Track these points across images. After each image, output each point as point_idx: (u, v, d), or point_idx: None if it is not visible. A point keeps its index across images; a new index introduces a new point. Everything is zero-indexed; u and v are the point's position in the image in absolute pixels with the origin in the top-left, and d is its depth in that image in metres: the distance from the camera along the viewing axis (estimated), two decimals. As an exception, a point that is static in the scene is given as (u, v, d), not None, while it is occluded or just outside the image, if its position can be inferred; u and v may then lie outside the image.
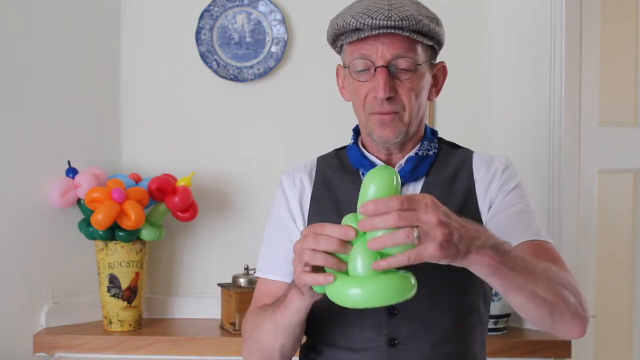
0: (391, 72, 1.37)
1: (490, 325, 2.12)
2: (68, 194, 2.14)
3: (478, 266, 1.15)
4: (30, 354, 2.12)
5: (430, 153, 1.48)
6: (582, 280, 2.28)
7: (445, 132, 2.34)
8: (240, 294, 2.14)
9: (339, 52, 1.49)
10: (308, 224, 1.46)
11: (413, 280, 1.12)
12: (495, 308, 2.12)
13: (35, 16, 2.17)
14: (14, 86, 2.13)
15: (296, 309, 1.29)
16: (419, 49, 1.39)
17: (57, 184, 2.14)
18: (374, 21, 1.34)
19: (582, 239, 2.30)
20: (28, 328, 2.14)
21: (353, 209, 1.36)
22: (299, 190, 1.50)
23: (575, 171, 2.27)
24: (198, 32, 2.31)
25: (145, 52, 2.35)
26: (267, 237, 1.54)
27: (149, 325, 2.26)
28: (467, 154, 1.51)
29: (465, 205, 1.44)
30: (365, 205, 1.08)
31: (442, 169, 1.48)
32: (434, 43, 1.43)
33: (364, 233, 1.11)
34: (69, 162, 2.19)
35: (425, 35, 1.39)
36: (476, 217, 1.43)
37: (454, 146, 1.55)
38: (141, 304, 2.22)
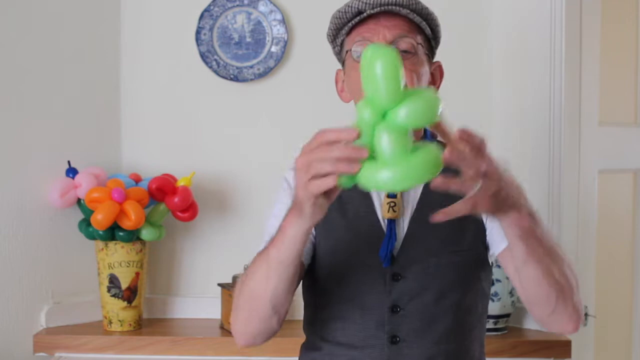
0: None
1: (490, 325, 2.12)
2: (68, 194, 2.14)
3: (513, 226, 1.19)
4: (30, 354, 2.12)
5: None
6: (582, 281, 2.27)
7: (445, 132, 2.35)
8: (240, 294, 2.14)
9: (339, 52, 1.48)
10: (318, 227, 1.43)
11: (441, 154, 1.07)
12: (495, 308, 2.12)
13: (35, 16, 2.17)
14: (14, 86, 2.13)
15: (292, 237, 1.21)
16: (418, 33, 1.41)
17: (57, 184, 2.14)
18: (367, 4, 1.36)
19: (582, 239, 2.30)
20: (28, 328, 2.14)
21: (356, 207, 1.41)
22: None
23: (575, 171, 2.27)
24: (198, 32, 2.31)
25: (145, 52, 2.35)
26: (272, 218, 1.47)
27: (149, 325, 2.26)
28: None
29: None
30: (463, 131, 1.10)
31: (442, 171, 1.47)
32: (432, 37, 1.45)
33: (385, 113, 1.05)
34: (69, 162, 2.19)
35: (424, 19, 1.41)
36: (477, 221, 1.43)
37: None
38: (141, 304, 2.22)
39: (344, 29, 1.42)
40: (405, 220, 1.43)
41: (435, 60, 1.51)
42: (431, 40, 1.46)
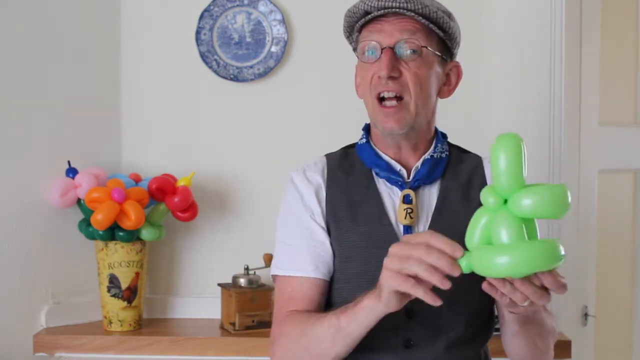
0: (398, 54, 1.40)
1: (490, 325, 2.12)
2: (68, 194, 2.14)
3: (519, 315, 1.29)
4: (30, 354, 2.12)
5: (443, 156, 1.49)
6: (582, 281, 2.29)
7: (446, 132, 2.35)
8: (240, 294, 2.14)
9: (355, 48, 1.51)
10: (328, 228, 1.45)
11: (562, 250, 1.11)
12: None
13: (35, 16, 2.17)
14: (14, 86, 2.13)
15: (365, 317, 1.25)
16: (426, 35, 1.41)
17: (57, 184, 2.14)
18: (380, 2, 1.37)
19: (582, 239, 2.30)
20: (28, 328, 2.14)
21: (368, 213, 1.43)
22: (314, 187, 1.48)
23: (575, 171, 2.27)
24: (198, 32, 2.31)
25: (145, 52, 2.35)
26: (283, 235, 1.49)
27: (149, 325, 2.26)
28: (478, 159, 1.53)
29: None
30: (546, 277, 1.12)
31: (456, 174, 1.49)
32: (446, 37, 1.44)
33: (505, 201, 1.12)
34: (69, 162, 2.19)
35: (433, 23, 1.40)
36: None
37: (463, 150, 1.56)
38: (141, 304, 2.22)
39: (355, 27, 1.45)
40: (420, 226, 1.43)
41: (456, 59, 1.52)
42: (446, 41, 1.45)
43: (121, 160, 2.35)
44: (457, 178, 1.48)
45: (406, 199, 1.42)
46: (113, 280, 2.17)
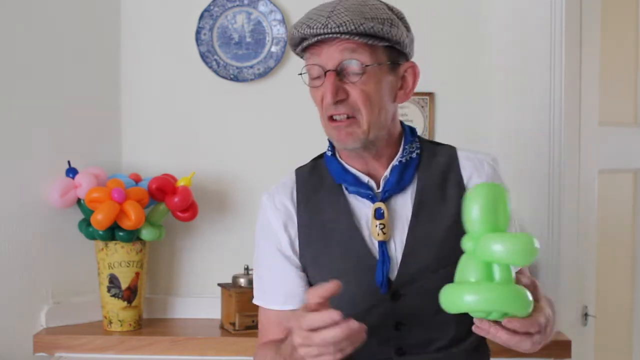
0: (342, 75, 1.36)
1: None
2: (68, 194, 2.14)
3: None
4: (30, 354, 2.12)
5: (414, 155, 1.44)
6: (582, 281, 2.29)
7: (445, 132, 2.36)
8: (240, 294, 2.14)
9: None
10: (300, 255, 1.43)
11: (529, 296, 1.16)
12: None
13: (35, 16, 2.17)
14: (14, 86, 2.13)
15: None
16: (369, 51, 1.36)
17: (57, 184, 2.14)
18: (312, 30, 1.35)
19: (582, 239, 2.30)
20: (28, 328, 2.14)
21: (340, 232, 1.40)
22: (282, 214, 1.45)
23: (575, 171, 2.27)
24: (198, 32, 2.31)
25: (145, 52, 2.35)
26: (257, 264, 1.49)
27: (149, 325, 2.26)
28: (452, 152, 1.48)
29: (460, 214, 1.42)
30: (512, 322, 1.16)
31: (429, 173, 1.44)
32: (391, 44, 1.38)
33: (476, 239, 1.16)
34: (69, 162, 2.19)
35: (372, 37, 1.35)
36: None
37: (435, 144, 1.52)
38: (141, 304, 2.22)
39: (297, 50, 1.43)
40: (397, 239, 1.40)
41: (412, 59, 1.46)
42: (394, 46, 1.39)
43: (121, 160, 2.35)
44: (430, 179, 1.43)
45: (378, 214, 1.39)
46: (113, 280, 2.17)
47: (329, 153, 1.48)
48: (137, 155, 2.35)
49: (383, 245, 1.37)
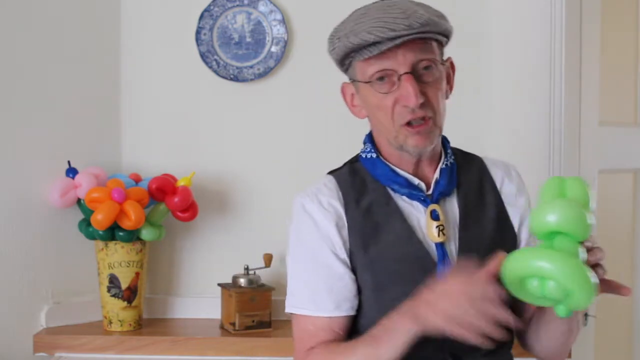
0: (416, 76, 1.33)
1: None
2: (68, 194, 2.14)
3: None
4: (30, 354, 2.12)
5: (453, 160, 1.45)
6: (582, 280, 2.29)
7: (445, 132, 2.35)
8: (240, 294, 2.14)
9: (346, 70, 1.43)
10: (352, 258, 1.37)
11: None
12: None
13: (35, 16, 2.17)
14: (14, 86, 2.13)
15: (403, 342, 1.23)
16: (434, 48, 1.37)
17: (57, 184, 2.14)
18: (395, 33, 1.29)
19: (582, 239, 2.29)
20: (28, 328, 2.14)
21: (396, 233, 1.37)
22: (333, 215, 1.38)
23: (575, 171, 2.27)
24: (198, 32, 2.31)
25: (145, 52, 2.35)
26: (298, 270, 1.41)
27: (149, 325, 2.26)
28: (480, 161, 1.51)
29: (499, 218, 1.44)
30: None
31: (468, 178, 1.45)
32: (448, 39, 1.41)
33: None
34: (69, 162, 2.19)
35: (440, 34, 1.36)
36: (511, 230, 1.44)
37: (465, 153, 1.53)
38: (141, 304, 2.22)
39: (356, 56, 1.36)
40: (451, 243, 1.39)
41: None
42: (442, 42, 1.41)
43: (121, 160, 2.35)
44: (469, 184, 1.45)
45: (434, 215, 1.37)
46: (113, 280, 2.17)
47: (371, 155, 1.44)
48: (137, 155, 2.35)
49: (442, 246, 1.36)
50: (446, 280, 1.21)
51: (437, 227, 1.36)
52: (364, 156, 1.45)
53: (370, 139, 1.47)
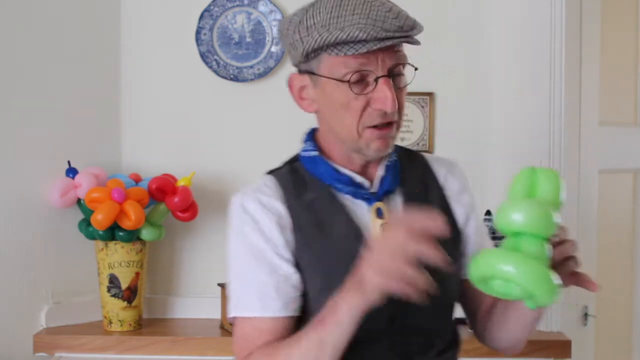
0: (391, 79, 1.28)
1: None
2: (68, 194, 2.14)
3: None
4: (30, 354, 2.12)
5: (396, 157, 1.40)
6: (582, 280, 2.29)
7: (445, 132, 2.36)
8: (240, 294, 2.14)
9: (304, 61, 1.33)
10: (296, 258, 1.31)
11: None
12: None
13: (35, 16, 2.17)
14: (14, 86, 2.13)
15: (349, 321, 1.16)
16: (404, 51, 1.32)
17: (57, 184, 2.14)
18: (387, 33, 1.23)
19: (582, 239, 2.29)
20: (28, 328, 2.14)
21: (342, 232, 1.32)
22: (275, 216, 1.32)
23: (575, 171, 2.27)
24: (198, 32, 2.31)
25: (145, 52, 2.35)
26: (243, 271, 1.33)
27: (149, 325, 2.26)
28: (422, 158, 1.46)
29: (443, 214, 1.40)
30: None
31: (411, 175, 1.41)
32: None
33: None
34: (69, 162, 2.19)
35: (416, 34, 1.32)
36: (455, 227, 1.42)
37: (407, 149, 1.48)
38: (141, 304, 2.22)
39: (331, 51, 1.27)
40: None
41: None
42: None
43: (121, 160, 2.35)
44: (413, 181, 1.40)
45: (379, 213, 1.33)
46: (113, 280, 2.17)
47: (312, 153, 1.38)
48: (137, 155, 2.35)
49: None
50: (382, 237, 1.16)
51: (381, 225, 1.32)
52: (303, 155, 1.40)
53: (310, 137, 1.42)
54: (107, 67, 2.33)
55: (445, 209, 1.41)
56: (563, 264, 1.21)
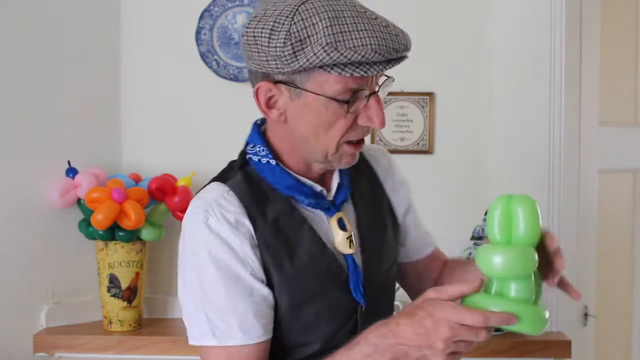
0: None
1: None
2: (68, 194, 2.14)
3: None
4: (30, 354, 2.12)
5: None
6: (582, 281, 2.29)
7: (445, 132, 2.36)
8: (240, 294, 2.14)
9: (291, 73, 1.19)
10: (267, 278, 1.24)
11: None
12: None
13: (35, 16, 2.17)
14: (14, 86, 2.13)
15: None
16: None
17: (57, 184, 2.14)
18: (398, 54, 1.18)
19: (582, 239, 2.30)
20: (28, 328, 2.14)
21: (307, 248, 1.26)
22: (245, 233, 1.23)
23: (575, 171, 2.27)
24: (198, 32, 2.31)
25: (145, 52, 2.35)
26: (218, 297, 1.22)
27: (149, 325, 2.26)
28: (361, 157, 1.40)
29: (389, 213, 1.42)
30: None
31: (358, 180, 1.38)
32: None
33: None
34: (69, 162, 2.19)
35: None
36: (396, 222, 1.42)
37: None
38: (141, 304, 2.22)
39: (332, 70, 1.17)
40: (357, 250, 1.32)
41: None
42: None
43: (121, 160, 2.35)
44: (360, 181, 1.38)
45: (341, 225, 1.28)
46: (113, 280, 2.17)
47: (268, 160, 1.29)
48: (137, 155, 2.35)
49: (351, 257, 1.29)
50: (427, 312, 1.11)
51: (348, 238, 1.28)
52: (256, 159, 1.31)
53: (261, 140, 1.31)
54: (107, 67, 2.33)
55: (390, 208, 1.42)
56: (549, 269, 1.20)
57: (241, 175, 1.30)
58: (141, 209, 2.09)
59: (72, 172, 2.17)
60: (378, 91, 1.22)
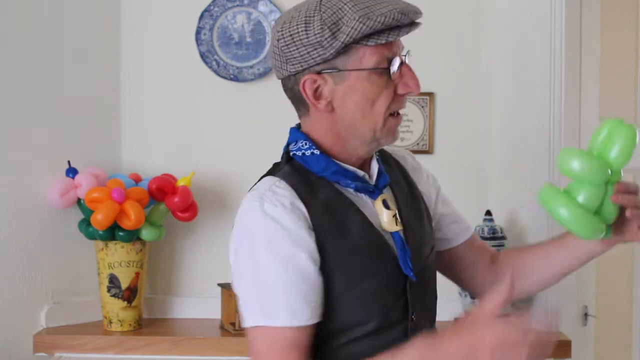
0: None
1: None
2: (68, 194, 2.14)
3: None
4: (30, 354, 2.12)
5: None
6: (582, 281, 2.29)
7: (445, 132, 2.36)
8: (240, 293, 2.14)
9: (332, 58, 1.28)
10: (322, 261, 1.27)
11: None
12: (495, 308, 2.12)
13: (35, 16, 2.17)
14: (14, 86, 2.13)
15: None
16: None
17: (57, 184, 2.14)
18: (417, 15, 1.28)
19: (582, 239, 2.29)
20: (28, 328, 2.14)
21: (356, 227, 1.32)
22: (301, 216, 1.27)
23: (575, 171, 2.26)
24: (198, 32, 2.31)
25: (145, 52, 2.35)
26: (270, 279, 1.26)
27: (149, 325, 2.26)
28: (388, 154, 1.49)
29: (423, 203, 1.47)
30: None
31: (390, 170, 1.44)
32: None
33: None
34: (69, 162, 2.19)
35: None
36: (428, 211, 1.47)
37: None
38: (141, 304, 2.22)
39: (368, 40, 1.26)
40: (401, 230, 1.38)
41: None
42: None
43: (121, 160, 2.35)
44: (394, 174, 1.44)
45: (386, 205, 1.34)
46: (113, 280, 2.17)
47: (312, 152, 1.35)
48: (137, 155, 2.35)
49: (397, 234, 1.34)
50: (499, 333, 1.12)
51: (393, 216, 1.34)
52: (300, 154, 1.37)
53: (303, 136, 1.39)
54: (107, 67, 2.33)
55: (420, 196, 1.47)
56: (630, 221, 1.39)
57: (289, 167, 1.37)
58: (141, 209, 2.09)
59: (72, 172, 2.17)
60: (406, 60, 1.31)
